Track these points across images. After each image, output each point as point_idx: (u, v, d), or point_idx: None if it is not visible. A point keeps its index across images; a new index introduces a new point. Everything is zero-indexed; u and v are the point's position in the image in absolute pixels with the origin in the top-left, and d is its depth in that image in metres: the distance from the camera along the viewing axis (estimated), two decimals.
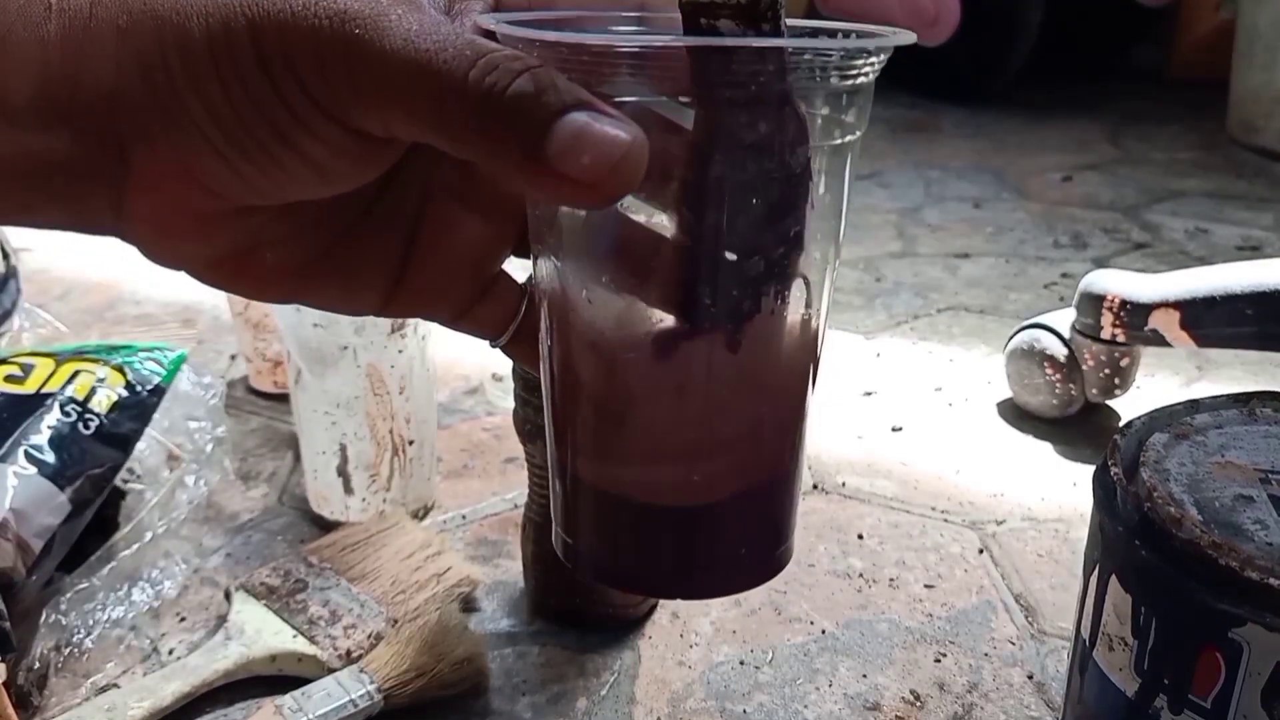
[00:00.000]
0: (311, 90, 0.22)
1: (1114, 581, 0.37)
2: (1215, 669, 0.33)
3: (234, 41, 0.22)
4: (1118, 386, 0.74)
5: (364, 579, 0.55)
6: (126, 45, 0.22)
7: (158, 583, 0.58)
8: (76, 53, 0.22)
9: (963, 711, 0.50)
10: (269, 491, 0.68)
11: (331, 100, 0.22)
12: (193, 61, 0.22)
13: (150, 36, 0.22)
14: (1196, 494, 0.37)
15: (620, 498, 0.29)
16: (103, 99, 0.23)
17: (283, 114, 0.23)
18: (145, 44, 0.22)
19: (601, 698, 0.51)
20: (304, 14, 0.22)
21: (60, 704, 0.50)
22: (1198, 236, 1.14)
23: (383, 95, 0.22)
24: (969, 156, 1.41)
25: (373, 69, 0.22)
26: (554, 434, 0.30)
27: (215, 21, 0.22)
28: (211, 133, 0.23)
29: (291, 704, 0.47)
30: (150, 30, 0.22)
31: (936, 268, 1.05)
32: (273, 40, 0.22)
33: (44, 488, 0.54)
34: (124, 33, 0.22)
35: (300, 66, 0.22)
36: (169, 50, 0.22)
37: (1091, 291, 0.71)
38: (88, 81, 0.22)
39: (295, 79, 0.22)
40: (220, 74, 0.22)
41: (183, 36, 0.22)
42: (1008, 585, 0.59)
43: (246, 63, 0.22)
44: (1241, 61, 1.44)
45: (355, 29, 0.22)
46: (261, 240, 0.26)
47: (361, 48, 0.22)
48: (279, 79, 0.22)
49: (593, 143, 0.21)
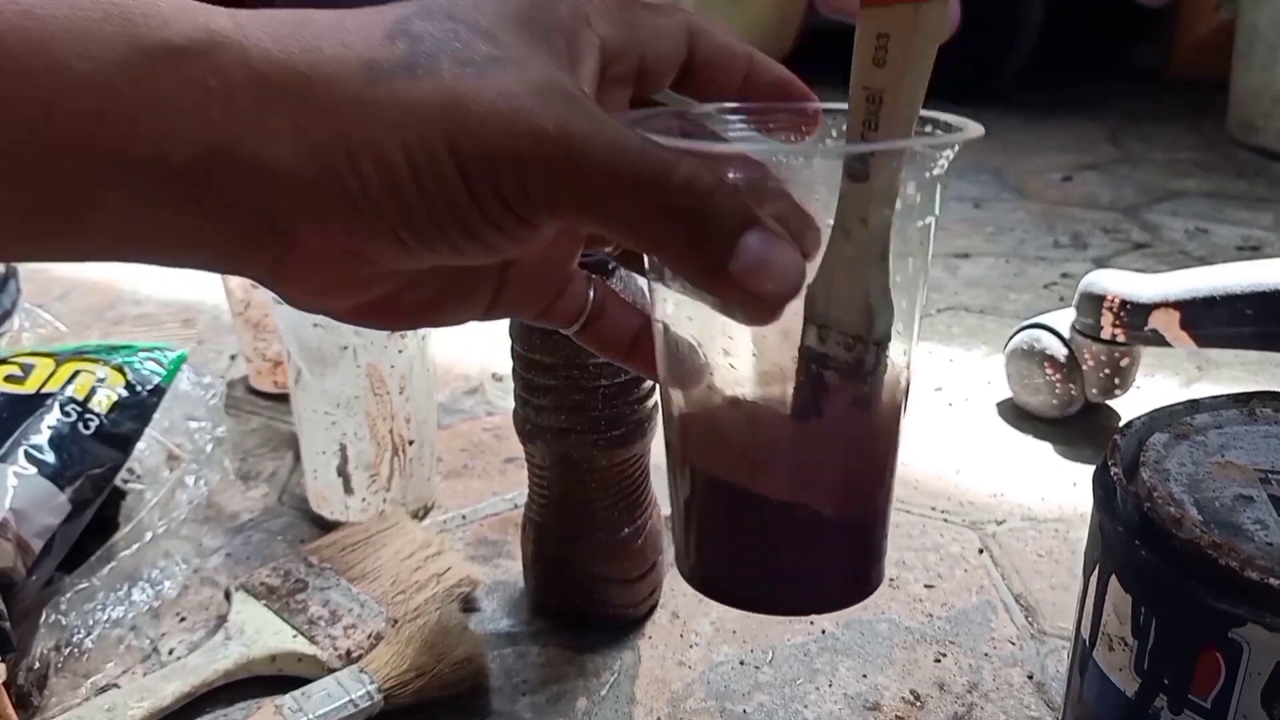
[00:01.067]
0: (510, 200, 0.25)
1: (1114, 581, 0.37)
2: (1215, 669, 0.33)
3: (434, 158, 0.24)
4: (1118, 386, 0.74)
5: (364, 579, 0.55)
6: (304, 143, 0.24)
7: (158, 583, 0.58)
8: (240, 138, 0.24)
9: (963, 711, 0.50)
10: (269, 491, 0.68)
11: (527, 207, 0.25)
12: (390, 172, 0.24)
13: (334, 140, 0.24)
14: (1196, 494, 0.37)
15: (746, 528, 0.34)
16: (272, 184, 0.24)
17: (476, 217, 0.25)
18: (327, 145, 0.24)
19: (601, 698, 0.51)
20: (501, 134, 0.24)
21: (60, 704, 0.50)
22: (1198, 236, 1.14)
23: (580, 204, 0.25)
24: (969, 156, 1.41)
25: (571, 182, 0.24)
26: (681, 469, 0.35)
27: (412, 138, 0.24)
28: (400, 229, 0.25)
29: (291, 704, 0.47)
30: (331, 135, 0.24)
31: (936, 268, 1.05)
32: (473, 159, 0.24)
33: (44, 488, 0.54)
34: (302, 131, 0.24)
35: (502, 183, 0.24)
36: (360, 158, 0.24)
37: (1091, 291, 0.71)
38: (251, 162, 0.24)
39: (495, 192, 0.24)
40: (419, 184, 0.24)
41: (377, 148, 0.24)
42: (1008, 585, 0.59)
43: (448, 177, 0.24)
44: (1241, 61, 1.44)
45: (551, 146, 0.24)
46: (404, 288, 0.29)
47: (559, 165, 0.24)
48: (478, 191, 0.24)
49: (773, 268, 0.25)
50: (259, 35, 0.24)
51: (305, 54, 0.24)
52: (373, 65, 0.24)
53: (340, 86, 0.24)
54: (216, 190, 0.24)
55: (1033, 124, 1.57)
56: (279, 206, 0.25)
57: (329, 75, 0.24)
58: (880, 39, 0.28)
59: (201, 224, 0.25)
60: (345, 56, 0.24)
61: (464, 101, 0.24)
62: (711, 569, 0.37)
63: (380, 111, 0.24)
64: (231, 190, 0.24)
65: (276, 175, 0.24)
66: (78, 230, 0.25)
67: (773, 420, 0.33)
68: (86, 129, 0.22)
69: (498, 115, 0.24)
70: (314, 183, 0.24)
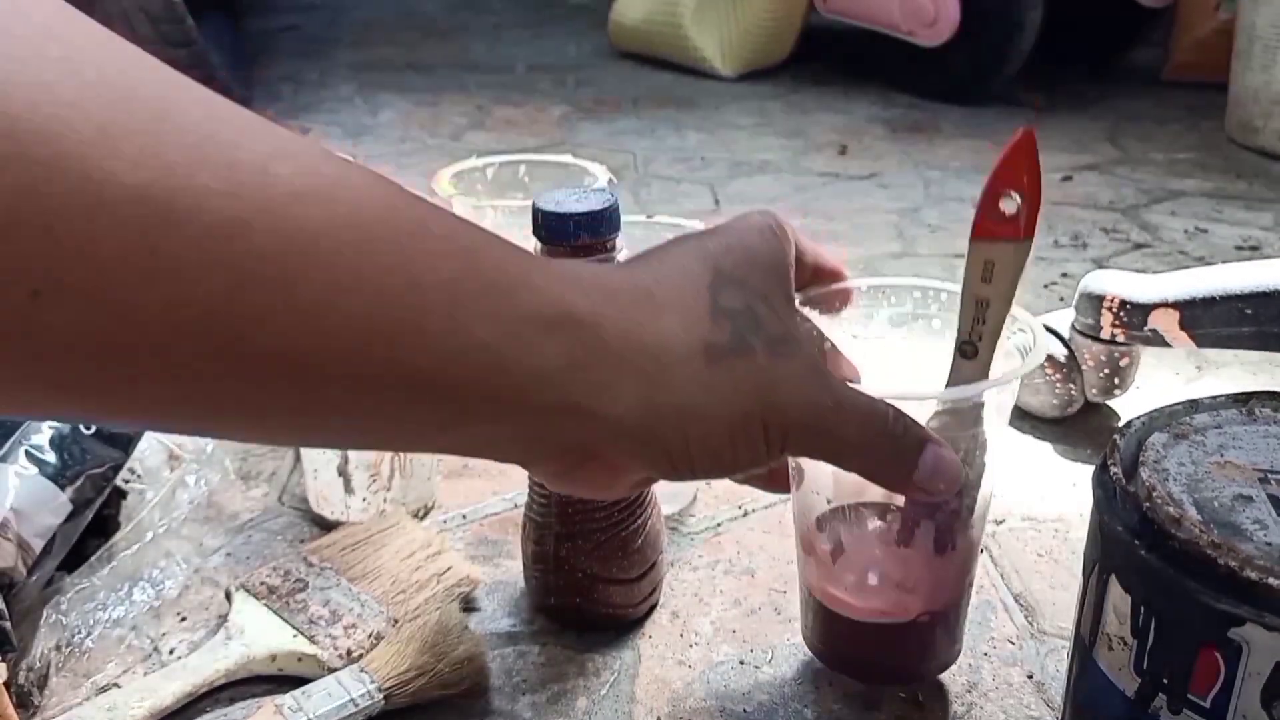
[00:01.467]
0: (784, 451, 0.34)
1: (1113, 581, 0.37)
2: (1214, 668, 0.33)
3: (749, 429, 0.32)
4: (1117, 386, 0.74)
5: (364, 578, 0.55)
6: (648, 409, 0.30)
7: (158, 582, 0.58)
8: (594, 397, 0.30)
9: (962, 711, 0.50)
10: (269, 491, 0.68)
11: (788, 453, 0.35)
12: (712, 437, 0.32)
13: (675, 412, 0.31)
14: (1196, 494, 0.37)
15: (856, 626, 0.48)
16: (606, 433, 0.31)
17: (752, 464, 0.34)
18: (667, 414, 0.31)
19: (602, 697, 0.51)
20: (799, 410, 0.33)
21: (61, 704, 0.50)
22: (1197, 236, 1.14)
23: (828, 450, 0.35)
24: (969, 156, 1.41)
25: (832, 438, 0.35)
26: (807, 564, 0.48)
27: (737, 415, 0.32)
28: (692, 471, 0.33)
29: (292, 703, 0.47)
30: (674, 408, 0.31)
31: (936, 268, 1.05)
32: (775, 427, 0.33)
33: (45, 487, 0.55)
34: (648, 400, 0.30)
35: (787, 444, 0.34)
36: (691, 425, 0.31)
37: (1091, 291, 0.71)
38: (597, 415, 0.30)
39: (778, 448, 0.33)
40: (733, 447, 0.33)
41: (707, 421, 0.32)
42: (1007, 585, 0.59)
43: (755, 443, 0.33)
44: (1240, 62, 1.44)
45: (830, 417, 0.34)
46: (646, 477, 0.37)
47: (830, 429, 0.34)
48: (769, 449, 0.33)
49: (942, 474, 0.36)
50: (610, 313, 0.30)
51: (654, 335, 0.31)
52: (711, 348, 0.31)
53: (683, 366, 0.31)
54: (557, 427, 0.30)
55: (1032, 124, 1.57)
56: (602, 446, 0.31)
57: (677, 357, 0.31)
58: (988, 264, 0.39)
59: (531, 445, 0.32)
60: (687, 341, 0.31)
61: (776, 383, 0.32)
62: (828, 647, 0.50)
63: (716, 390, 0.31)
64: (569, 429, 0.30)
65: (613, 427, 0.30)
66: (437, 439, 0.32)
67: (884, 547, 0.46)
68: (477, 379, 0.28)
69: (799, 396, 0.33)
70: (645, 439, 0.31)
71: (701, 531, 0.63)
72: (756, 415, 0.32)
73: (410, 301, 0.26)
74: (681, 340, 0.31)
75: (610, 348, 0.30)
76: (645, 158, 1.42)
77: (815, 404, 0.33)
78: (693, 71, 1.83)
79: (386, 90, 1.76)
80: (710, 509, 0.65)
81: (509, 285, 0.28)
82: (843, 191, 1.29)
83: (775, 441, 0.33)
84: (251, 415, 0.26)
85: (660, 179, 1.34)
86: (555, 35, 2.22)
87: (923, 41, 1.63)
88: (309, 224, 0.24)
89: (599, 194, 0.48)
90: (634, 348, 0.30)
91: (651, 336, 0.30)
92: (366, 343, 0.25)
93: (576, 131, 1.56)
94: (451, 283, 0.27)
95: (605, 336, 0.30)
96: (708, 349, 0.31)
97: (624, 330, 0.30)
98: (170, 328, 0.22)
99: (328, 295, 0.24)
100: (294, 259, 0.23)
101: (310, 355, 0.24)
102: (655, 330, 0.30)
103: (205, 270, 0.22)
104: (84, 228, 0.20)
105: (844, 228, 1.15)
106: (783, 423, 0.32)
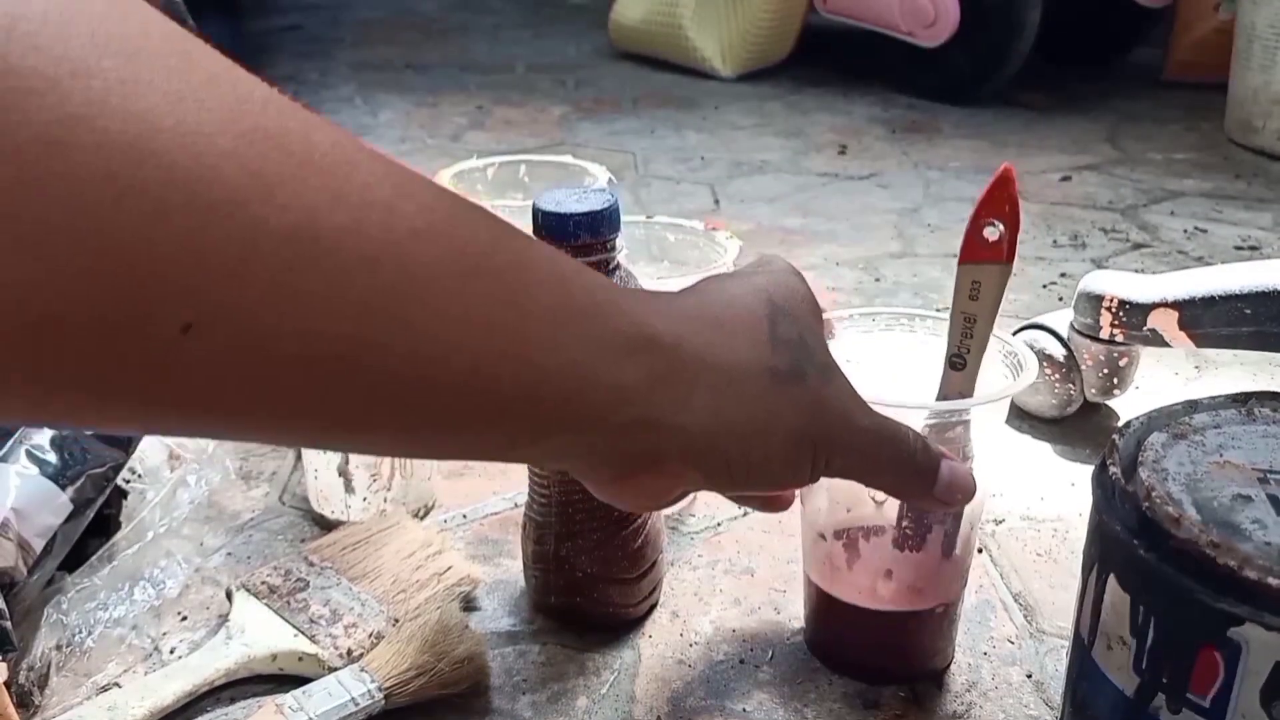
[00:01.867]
0: (824, 469, 0.36)
1: (1112, 581, 0.37)
2: (1214, 668, 0.33)
3: (800, 448, 0.35)
4: (1116, 386, 0.74)
5: (365, 578, 0.55)
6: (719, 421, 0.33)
7: (159, 582, 0.58)
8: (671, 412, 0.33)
9: (961, 710, 0.50)
10: (270, 491, 0.68)
11: (825, 472, 0.37)
12: (769, 451, 0.35)
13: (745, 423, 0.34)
14: (1195, 494, 0.37)
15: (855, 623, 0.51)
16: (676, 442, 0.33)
17: (795, 479, 0.37)
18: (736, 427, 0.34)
19: (602, 696, 0.51)
20: (839, 430, 0.36)
21: (61, 703, 0.50)
22: (1196, 236, 1.14)
23: (859, 468, 0.38)
24: (969, 157, 1.41)
25: (870, 465, 0.38)
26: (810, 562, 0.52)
27: (793, 434, 0.35)
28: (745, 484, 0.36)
29: (292, 703, 0.47)
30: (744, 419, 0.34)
31: (936, 268, 1.05)
32: (821, 446, 0.36)
33: (45, 487, 0.55)
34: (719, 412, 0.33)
35: (830, 462, 0.36)
36: (753, 440, 0.34)
37: (1090, 291, 0.72)
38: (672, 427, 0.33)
39: (821, 465, 0.36)
40: (785, 462, 0.35)
41: (769, 436, 0.34)
42: (1006, 585, 0.59)
43: (804, 460, 0.36)
44: (1240, 62, 1.44)
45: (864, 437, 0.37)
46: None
47: (863, 448, 0.37)
48: (815, 469, 0.36)
49: (959, 487, 0.40)
50: (687, 335, 0.33)
51: (726, 357, 0.34)
52: (774, 372, 0.34)
53: (752, 384, 0.34)
54: (632, 437, 0.32)
55: (1032, 124, 1.56)
56: (668, 456, 0.34)
57: (746, 374, 0.34)
58: (975, 284, 0.44)
59: (601, 453, 0.34)
60: (754, 363, 0.34)
61: (824, 405, 0.36)
62: (826, 643, 0.53)
63: (778, 410, 0.34)
64: (642, 439, 0.33)
65: (682, 438, 0.33)
66: (523, 451, 0.34)
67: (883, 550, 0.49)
68: (571, 392, 0.30)
69: (840, 418, 0.36)
70: (708, 450, 0.34)
71: (701, 531, 0.63)
72: (809, 436, 0.35)
73: (516, 327, 0.28)
74: (749, 362, 0.34)
75: (687, 366, 0.33)
76: (645, 158, 1.43)
77: (857, 428, 0.37)
78: (692, 71, 1.84)
79: (386, 90, 1.77)
80: (710, 509, 0.65)
81: (599, 310, 0.31)
82: (842, 191, 1.29)
83: (820, 461, 0.36)
84: (359, 433, 0.29)
85: (660, 179, 1.34)
86: (555, 35, 2.22)
87: (922, 42, 1.63)
88: (428, 259, 0.26)
89: (599, 194, 0.48)
90: (708, 366, 0.33)
91: (724, 358, 0.34)
92: (474, 367, 0.28)
93: (576, 131, 1.56)
94: (551, 309, 0.30)
95: (683, 356, 0.33)
96: (772, 372, 0.34)
97: (699, 351, 0.33)
98: (302, 359, 0.24)
99: (443, 326, 0.27)
100: (415, 292, 0.26)
101: (423, 380, 0.27)
102: (727, 352, 0.34)
103: (338, 305, 0.24)
104: (237, 269, 0.22)
105: (844, 228, 1.15)
106: (829, 444, 0.36)
